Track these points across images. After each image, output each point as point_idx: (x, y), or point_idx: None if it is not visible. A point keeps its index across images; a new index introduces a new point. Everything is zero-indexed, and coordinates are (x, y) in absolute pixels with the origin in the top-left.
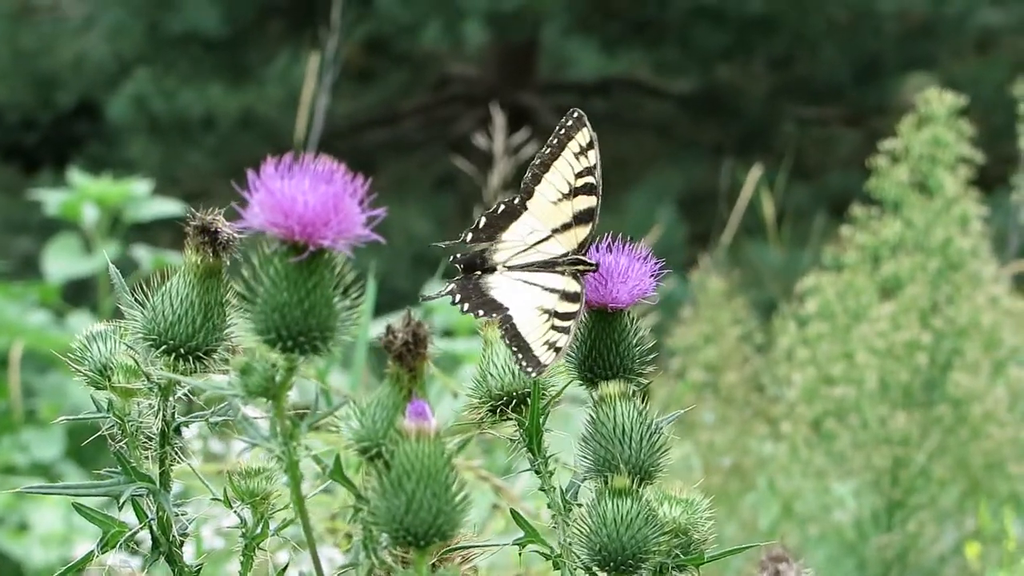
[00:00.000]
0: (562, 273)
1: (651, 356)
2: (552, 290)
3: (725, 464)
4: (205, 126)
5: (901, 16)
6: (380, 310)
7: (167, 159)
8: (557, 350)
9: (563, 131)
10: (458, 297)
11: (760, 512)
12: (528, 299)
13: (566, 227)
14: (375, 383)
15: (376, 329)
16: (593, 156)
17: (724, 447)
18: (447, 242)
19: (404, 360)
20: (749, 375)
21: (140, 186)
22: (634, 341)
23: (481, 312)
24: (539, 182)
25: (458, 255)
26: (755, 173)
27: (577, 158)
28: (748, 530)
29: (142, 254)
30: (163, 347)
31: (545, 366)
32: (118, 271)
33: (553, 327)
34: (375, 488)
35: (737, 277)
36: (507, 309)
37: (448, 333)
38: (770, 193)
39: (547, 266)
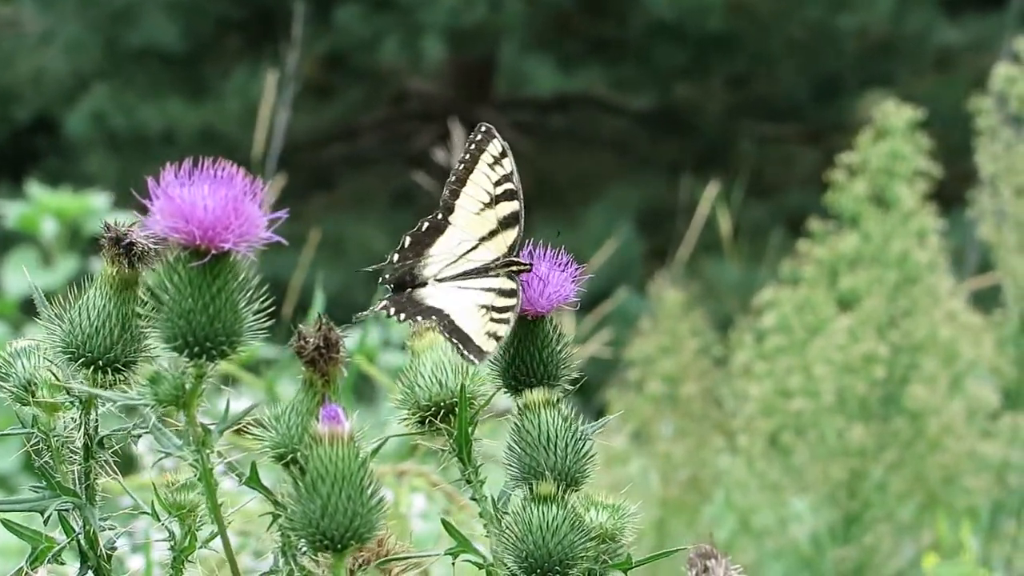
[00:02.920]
0: (496, 275)
1: (575, 362)
2: (488, 289)
3: (682, 477)
4: (164, 141)
5: (860, 34)
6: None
7: (125, 174)
8: (498, 338)
9: (473, 146)
10: (393, 310)
11: (717, 526)
12: (465, 299)
13: (493, 233)
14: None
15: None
16: (508, 164)
17: (682, 459)
18: (374, 266)
19: (316, 365)
20: (707, 388)
21: (99, 199)
22: (558, 348)
23: (420, 318)
24: (458, 196)
25: (386, 275)
26: (712, 190)
27: (492, 168)
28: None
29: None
30: (81, 360)
31: (487, 353)
32: (38, 287)
33: (492, 319)
34: (291, 493)
35: (695, 290)
36: (443, 310)
37: (406, 346)
38: (727, 210)
39: (480, 272)
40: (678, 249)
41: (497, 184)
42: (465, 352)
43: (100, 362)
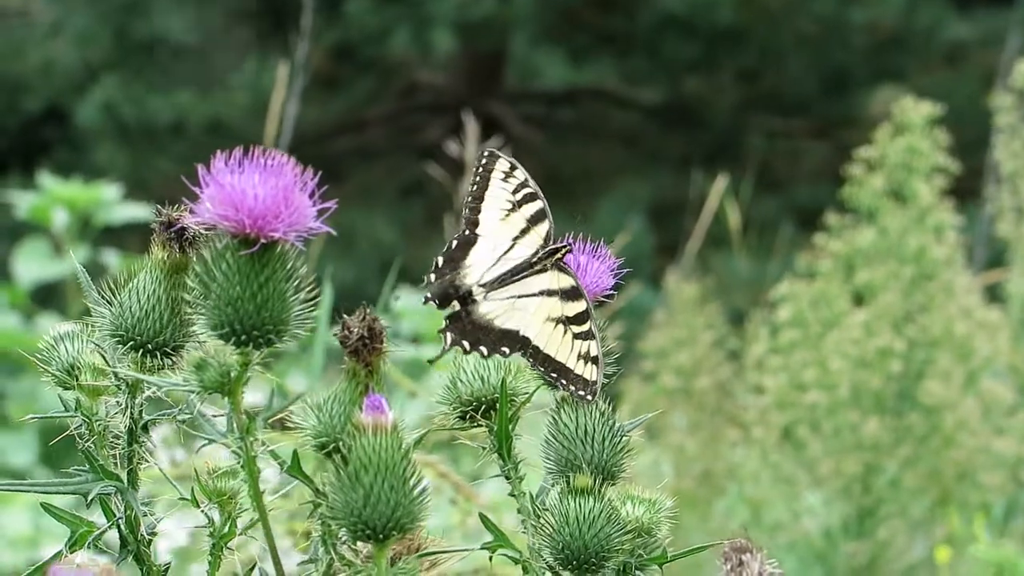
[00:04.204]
0: (544, 269)
1: (615, 357)
2: (548, 292)
3: (695, 470)
4: (173, 132)
5: (870, 29)
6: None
7: (135, 165)
8: (595, 360)
9: (481, 168)
10: (467, 344)
11: (730, 519)
12: (530, 310)
13: (524, 231)
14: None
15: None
16: (520, 174)
17: (695, 452)
18: (397, 296)
19: (360, 355)
20: (721, 381)
21: (110, 190)
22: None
23: (505, 349)
24: (479, 212)
25: (427, 295)
26: (721, 184)
27: (506, 180)
28: (718, 536)
29: (111, 258)
30: (130, 343)
31: (595, 383)
32: (85, 271)
33: (575, 336)
34: (332, 483)
35: (707, 285)
36: (519, 332)
37: (416, 339)
38: (736, 204)
39: (524, 269)
40: (688, 243)
41: (515, 191)
42: (571, 387)
43: (149, 346)
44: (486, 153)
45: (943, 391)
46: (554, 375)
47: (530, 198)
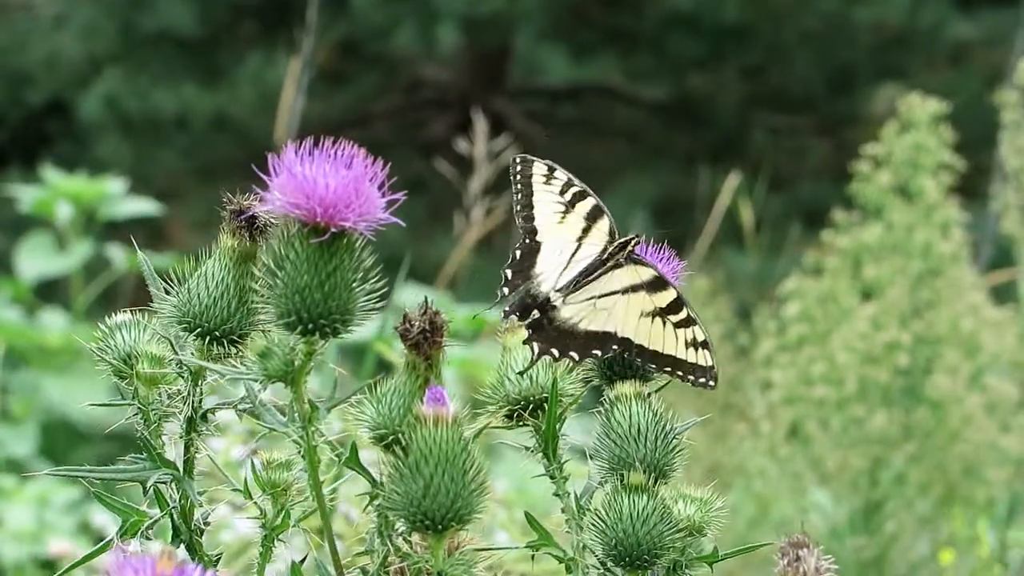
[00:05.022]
0: (618, 265)
1: None
2: (632, 288)
3: (703, 465)
4: (178, 126)
5: (875, 27)
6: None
7: (139, 159)
8: (704, 344)
9: (519, 175)
10: (556, 351)
11: (737, 514)
12: (623, 312)
13: (586, 230)
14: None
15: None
16: (562, 174)
17: (703, 446)
18: (488, 308)
19: (420, 348)
20: (729, 376)
21: (115, 184)
22: None
23: (599, 352)
24: (533, 219)
25: (505, 308)
26: (733, 181)
27: (548, 183)
28: (725, 532)
29: (116, 253)
30: (197, 330)
31: (713, 368)
32: (148, 261)
33: (675, 325)
34: (392, 474)
35: (719, 278)
36: (616, 333)
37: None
38: (744, 201)
39: (597, 267)
40: (694, 239)
41: (562, 192)
42: (691, 378)
43: (216, 333)
44: (518, 159)
45: (950, 385)
46: (668, 369)
47: (580, 196)
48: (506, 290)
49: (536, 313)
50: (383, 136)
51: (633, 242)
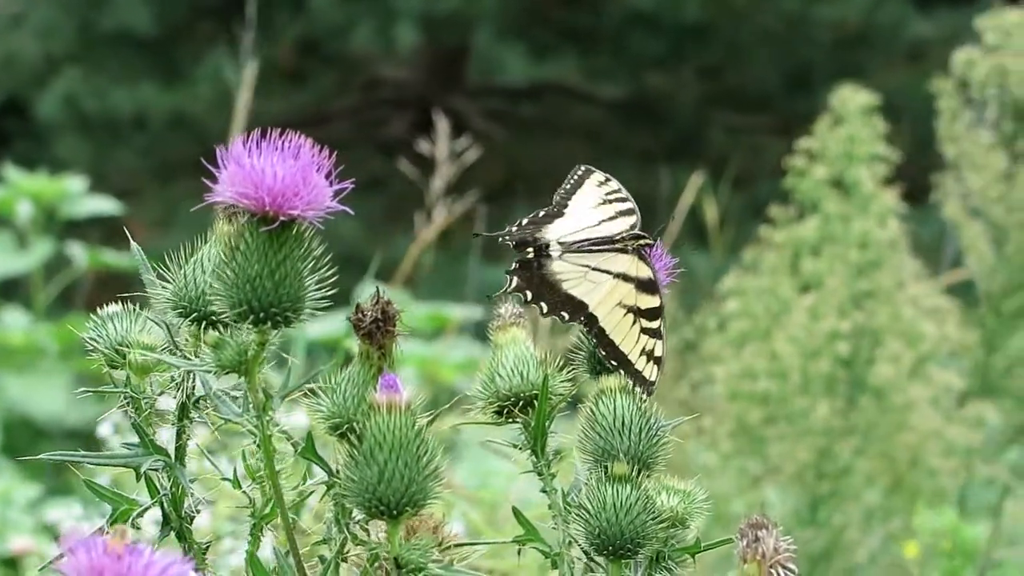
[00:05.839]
0: (624, 250)
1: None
2: (624, 277)
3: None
4: (136, 125)
5: (834, 26)
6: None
7: (97, 158)
8: (657, 361)
9: (576, 177)
10: (529, 295)
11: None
12: (605, 292)
13: (612, 218)
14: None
15: (313, 328)
16: (615, 184)
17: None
18: (495, 233)
19: (373, 338)
20: (678, 371)
21: (75, 183)
22: None
23: (565, 314)
24: (568, 203)
25: (505, 236)
26: (696, 180)
27: (600, 186)
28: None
29: (77, 251)
30: (193, 315)
31: (653, 383)
32: (141, 250)
33: (643, 330)
34: (347, 462)
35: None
36: (587, 304)
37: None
38: (708, 200)
39: (606, 243)
40: (659, 239)
41: (608, 194)
42: (632, 383)
43: (212, 317)
44: (582, 168)
45: (892, 373)
46: (614, 363)
47: (621, 200)
48: (514, 228)
49: (531, 253)
50: (342, 135)
51: (646, 239)
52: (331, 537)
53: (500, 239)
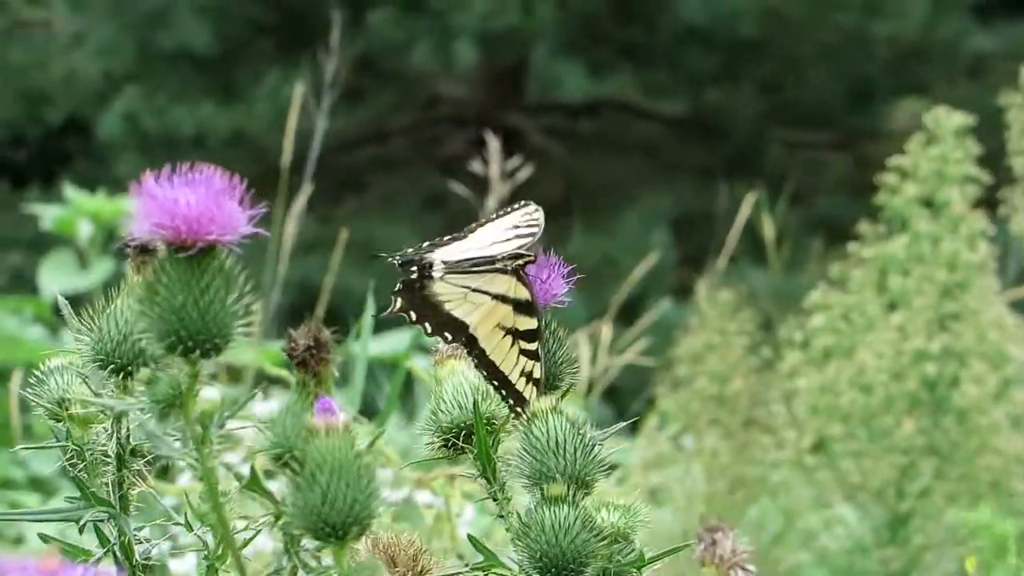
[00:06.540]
0: (504, 271)
1: (575, 365)
2: (502, 298)
3: (728, 476)
4: (195, 143)
5: (893, 41)
6: (377, 328)
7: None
8: (536, 382)
9: (509, 209)
10: (413, 316)
11: (762, 528)
12: (484, 314)
13: (505, 241)
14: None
15: (376, 346)
16: (537, 214)
17: (727, 459)
18: (387, 253)
19: (308, 366)
20: (753, 388)
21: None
22: (554, 347)
23: (447, 335)
24: (480, 228)
25: (396, 256)
26: (752, 197)
27: (524, 216)
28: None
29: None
30: (110, 367)
31: (528, 402)
32: (67, 302)
33: (521, 351)
34: (290, 488)
35: (743, 292)
36: (469, 328)
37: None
38: (765, 216)
39: (487, 263)
40: (713, 255)
41: (521, 221)
42: (509, 400)
43: (129, 368)
44: (522, 202)
45: (977, 393)
46: (495, 383)
47: (529, 225)
48: (410, 249)
49: (414, 273)
50: (400, 153)
51: (526, 259)
52: (281, 567)
53: (387, 259)
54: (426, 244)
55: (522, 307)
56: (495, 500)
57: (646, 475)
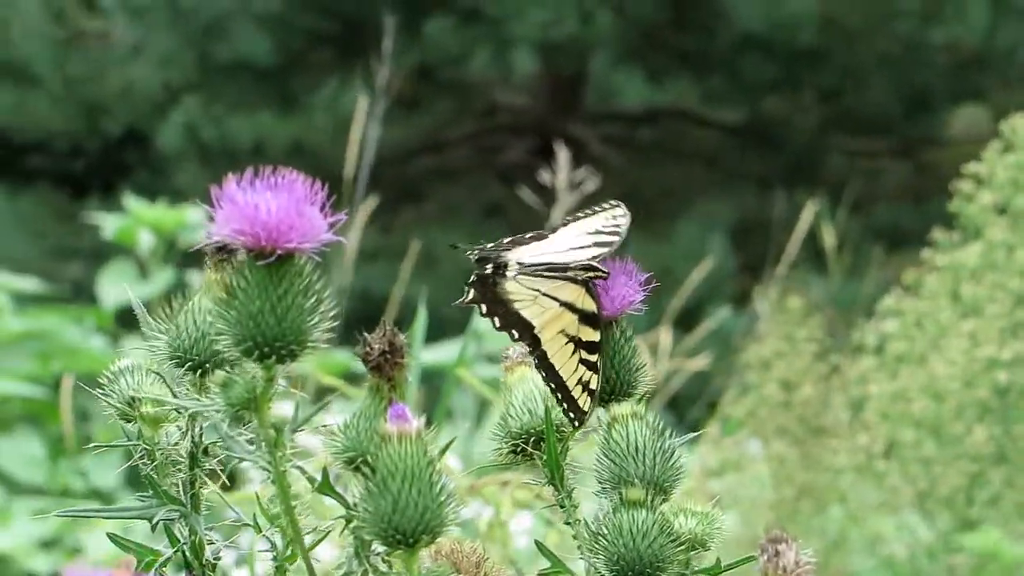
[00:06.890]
0: (574, 280)
1: (644, 369)
2: (570, 307)
3: (796, 482)
4: (254, 154)
5: (951, 48)
6: (431, 337)
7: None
8: (591, 393)
9: (595, 209)
10: (484, 309)
11: (826, 534)
12: (550, 318)
13: (582, 248)
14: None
15: (428, 355)
16: (623, 219)
17: (795, 465)
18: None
19: (382, 370)
20: (822, 394)
21: (195, 212)
22: (628, 353)
23: (515, 332)
24: (562, 228)
25: (474, 250)
26: (813, 205)
27: (608, 220)
28: (821, 553)
29: (196, 280)
30: (188, 364)
31: (585, 414)
32: (139, 302)
33: (582, 360)
34: (362, 494)
35: (812, 298)
36: (535, 329)
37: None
38: (825, 224)
39: (560, 270)
40: (772, 263)
41: (603, 226)
42: (564, 407)
43: (207, 365)
44: (611, 202)
45: None
46: (552, 386)
47: (610, 232)
48: (490, 244)
49: (489, 269)
50: (460, 161)
51: (598, 273)
52: (352, 571)
53: (466, 253)
54: (507, 240)
55: (588, 318)
56: (562, 507)
57: (706, 482)
